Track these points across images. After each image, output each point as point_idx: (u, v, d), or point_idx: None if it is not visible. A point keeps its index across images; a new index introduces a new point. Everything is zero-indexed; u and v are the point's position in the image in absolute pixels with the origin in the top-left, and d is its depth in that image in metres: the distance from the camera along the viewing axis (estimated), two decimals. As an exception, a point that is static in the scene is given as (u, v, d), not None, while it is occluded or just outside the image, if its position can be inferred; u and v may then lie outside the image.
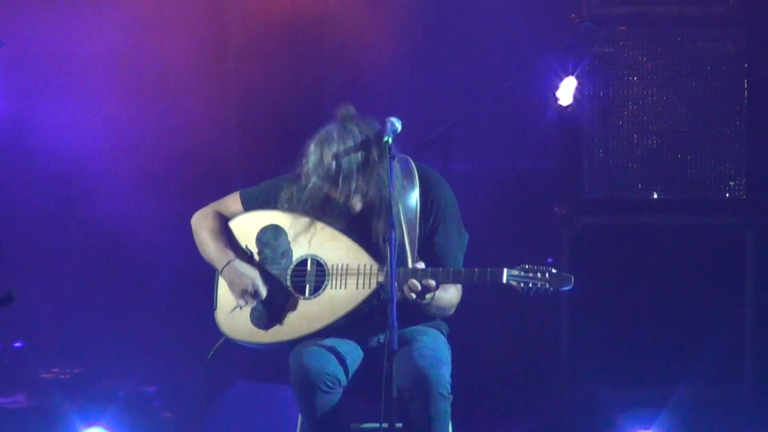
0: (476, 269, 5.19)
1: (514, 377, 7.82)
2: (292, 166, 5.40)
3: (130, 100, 8.09)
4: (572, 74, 7.43)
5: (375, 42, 7.96)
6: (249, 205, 5.49)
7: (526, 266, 5.20)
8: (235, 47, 8.21)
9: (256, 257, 5.43)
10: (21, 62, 8.04)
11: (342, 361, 5.25)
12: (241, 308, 5.39)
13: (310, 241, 5.36)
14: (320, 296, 5.33)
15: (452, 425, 5.29)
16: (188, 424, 7.28)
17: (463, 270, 5.19)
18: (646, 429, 7.06)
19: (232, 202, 5.53)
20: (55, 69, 8.05)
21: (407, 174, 5.37)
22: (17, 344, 7.79)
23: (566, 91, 7.43)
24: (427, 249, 5.36)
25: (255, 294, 5.35)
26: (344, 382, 5.23)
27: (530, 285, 5.18)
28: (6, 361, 7.74)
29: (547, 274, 5.19)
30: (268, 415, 6.89)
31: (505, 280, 5.17)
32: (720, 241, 7.55)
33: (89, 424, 6.98)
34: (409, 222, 5.33)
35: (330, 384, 5.17)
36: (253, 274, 5.37)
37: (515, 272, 5.18)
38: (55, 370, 7.64)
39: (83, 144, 8.07)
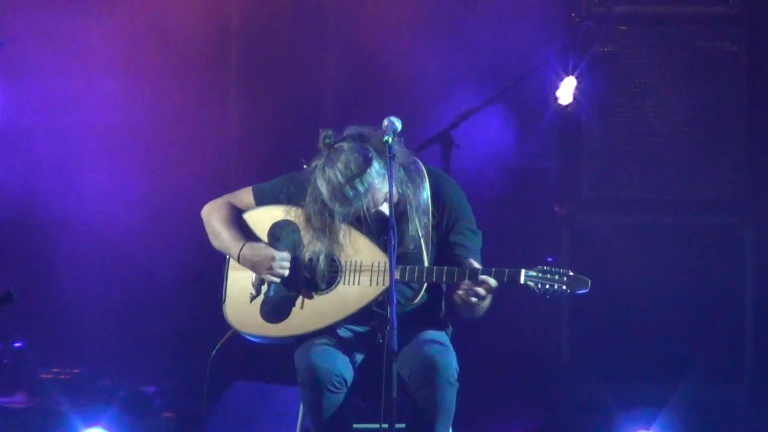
0: (493, 269, 5.19)
1: (515, 377, 7.82)
2: (296, 165, 5.41)
3: (130, 101, 8.09)
4: (572, 74, 7.42)
5: (375, 42, 7.97)
6: (261, 201, 5.49)
7: (544, 268, 5.20)
8: (235, 47, 8.21)
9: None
10: (22, 69, 8.05)
11: (348, 361, 5.25)
12: (263, 290, 5.36)
13: (323, 237, 5.35)
14: (332, 292, 5.33)
15: (453, 424, 5.29)
16: (188, 424, 7.28)
17: (480, 269, 5.18)
18: (646, 429, 7.06)
19: (245, 195, 5.53)
20: (57, 70, 8.06)
21: (418, 175, 5.37)
22: (17, 344, 7.79)
23: (566, 91, 7.43)
24: (445, 249, 5.37)
25: (282, 262, 5.32)
26: (350, 382, 5.23)
27: (547, 287, 5.17)
28: (6, 361, 7.74)
29: (564, 277, 5.19)
30: (268, 415, 6.89)
31: (522, 281, 5.17)
32: (720, 241, 7.55)
33: (89, 424, 6.98)
34: (423, 225, 5.33)
35: (337, 384, 5.17)
36: (270, 250, 5.35)
37: (533, 273, 5.19)
38: (55, 370, 7.65)
39: (80, 143, 8.08)
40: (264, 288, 5.40)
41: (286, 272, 5.34)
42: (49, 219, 8.03)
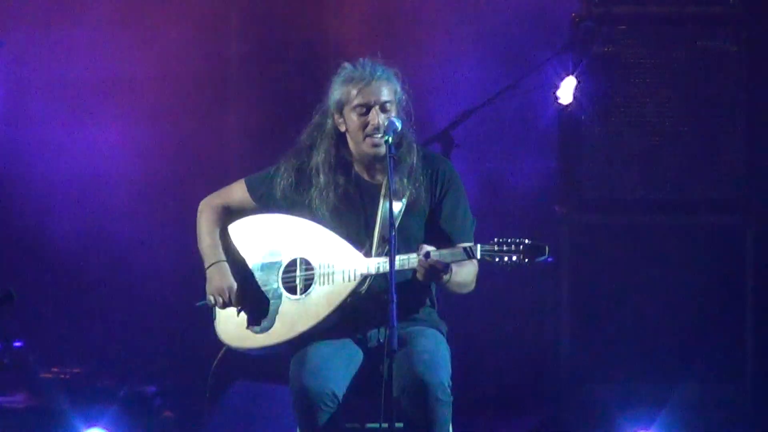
0: (450, 249, 5.19)
1: (514, 377, 7.82)
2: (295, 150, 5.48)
3: (127, 97, 8.09)
4: (572, 74, 7.43)
5: (375, 41, 7.96)
6: (255, 191, 5.53)
7: (500, 240, 5.15)
8: (234, 46, 8.21)
9: (249, 262, 5.47)
10: (20, 64, 8.05)
11: (342, 374, 5.25)
12: (210, 305, 5.44)
13: (298, 242, 5.41)
14: (310, 294, 5.35)
15: (452, 425, 5.28)
16: (188, 424, 7.28)
17: (439, 251, 5.18)
18: (646, 429, 7.05)
19: (238, 189, 5.57)
20: (53, 67, 8.06)
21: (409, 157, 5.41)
22: (17, 344, 7.79)
23: (566, 91, 7.43)
24: (434, 219, 5.40)
25: (229, 297, 5.41)
26: (343, 395, 5.22)
27: (505, 259, 5.14)
28: (6, 361, 7.74)
29: (520, 246, 5.14)
30: (268, 415, 6.88)
31: (479, 256, 5.15)
32: (720, 241, 7.55)
33: (89, 425, 6.98)
34: (385, 223, 5.34)
35: (329, 403, 5.16)
36: (232, 282, 5.43)
37: (488, 247, 5.15)
38: (55, 370, 7.64)
39: (81, 144, 8.07)
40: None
41: (220, 302, 5.42)
42: (49, 219, 8.03)
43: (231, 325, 5.45)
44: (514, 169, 8.02)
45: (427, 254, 5.16)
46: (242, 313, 5.45)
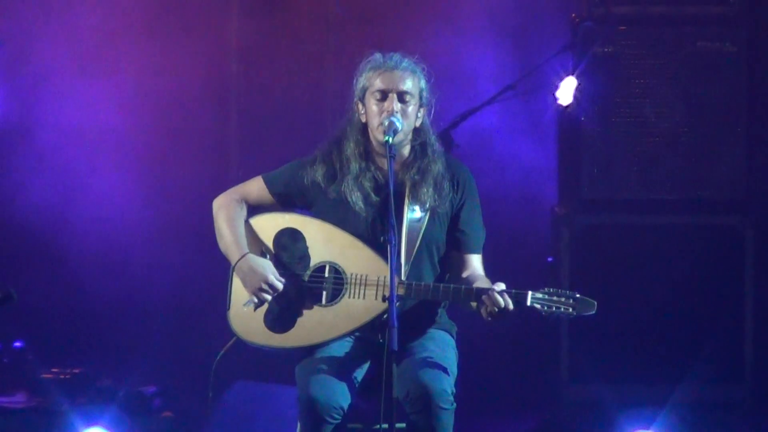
0: (500, 290, 5.17)
1: (515, 377, 7.82)
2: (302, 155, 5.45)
3: (128, 97, 8.09)
4: (572, 74, 7.43)
5: (375, 40, 7.96)
6: (274, 186, 5.43)
7: (551, 290, 5.16)
8: (235, 46, 8.21)
9: (273, 260, 5.37)
10: (21, 63, 8.05)
11: (350, 384, 5.22)
12: (254, 306, 5.33)
13: (328, 248, 5.31)
14: (337, 305, 5.28)
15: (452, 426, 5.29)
16: (188, 424, 7.28)
17: (488, 290, 5.16)
18: (646, 429, 7.05)
19: (255, 185, 5.47)
20: (52, 70, 8.06)
21: (434, 155, 5.38)
22: (17, 344, 7.79)
23: (566, 91, 7.43)
24: (452, 225, 5.38)
25: (271, 289, 5.30)
26: (348, 406, 5.18)
27: (554, 309, 5.15)
28: (6, 361, 7.74)
29: (571, 299, 5.16)
30: (268, 415, 6.88)
31: (529, 303, 5.15)
32: (720, 241, 7.55)
33: (89, 424, 6.98)
34: (411, 229, 5.31)
35: (335, 415, 5.13)
36: (266, 270, 5.29)
37: (539, 296, 5.16)
38: (55, 370, 7.64)
39: (81, 143, 8.08)
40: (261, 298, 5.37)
41: (269, 298, 5.30)
42: (48, 219, 8.03)
43: (247, 317, 5.35)
44: (514, 169, 8.02)
45: (502, 293, 5.14)
46: (261, 308, 5.34)
